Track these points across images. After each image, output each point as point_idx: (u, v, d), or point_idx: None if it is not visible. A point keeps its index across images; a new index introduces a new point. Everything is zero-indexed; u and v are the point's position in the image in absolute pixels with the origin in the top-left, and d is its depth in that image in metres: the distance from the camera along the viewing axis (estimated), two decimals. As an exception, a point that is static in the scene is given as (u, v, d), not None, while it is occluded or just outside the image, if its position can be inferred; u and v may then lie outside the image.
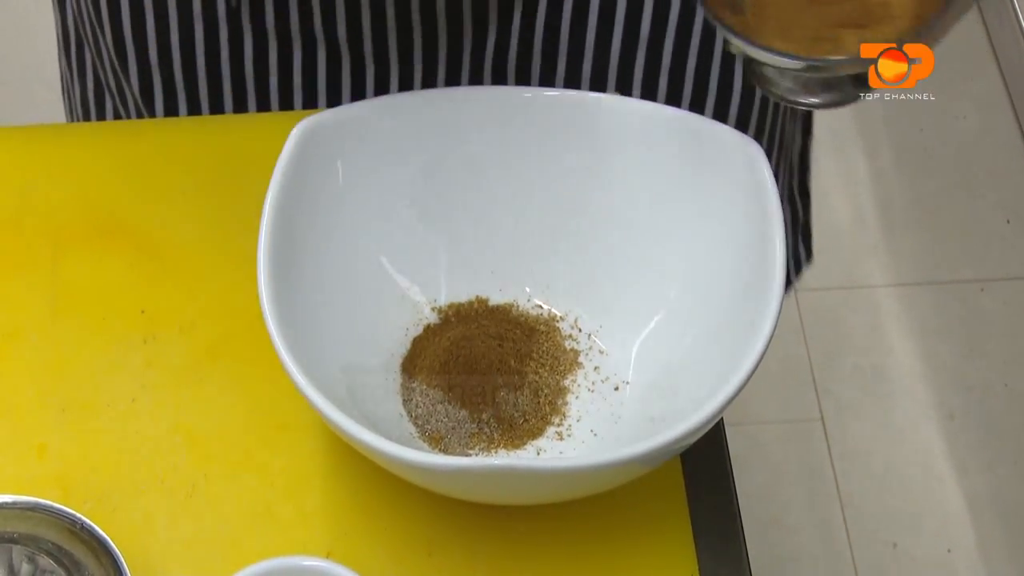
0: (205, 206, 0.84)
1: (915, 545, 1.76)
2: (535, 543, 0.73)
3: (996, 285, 1.98)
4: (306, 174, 0.76)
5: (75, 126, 0.90)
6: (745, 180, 0.75)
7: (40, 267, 0.82)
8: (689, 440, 0.68)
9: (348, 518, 0.74)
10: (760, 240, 0.73)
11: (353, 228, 0.78)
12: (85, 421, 0.76)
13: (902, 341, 1.93)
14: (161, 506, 0.74)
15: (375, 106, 0.80)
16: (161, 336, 0.79)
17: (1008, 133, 2.14)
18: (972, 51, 2.23)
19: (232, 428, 0.76)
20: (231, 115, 0.91)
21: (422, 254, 0.80)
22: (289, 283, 0.73)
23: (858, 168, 2.10)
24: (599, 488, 0.70)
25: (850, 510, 1.78)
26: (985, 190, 2.08)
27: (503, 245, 0.81)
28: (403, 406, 0.76)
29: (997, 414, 1.87)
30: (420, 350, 0.78)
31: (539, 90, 0.81)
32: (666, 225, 0.78)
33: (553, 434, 0.76)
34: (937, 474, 1.81)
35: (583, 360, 0.78)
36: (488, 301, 0.81)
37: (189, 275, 0.82)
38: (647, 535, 0.73)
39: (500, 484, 0.67)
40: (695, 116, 0.78)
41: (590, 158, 0.80)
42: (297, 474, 0.75)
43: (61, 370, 0.78)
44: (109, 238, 0.83)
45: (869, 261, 2.01)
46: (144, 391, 0.77)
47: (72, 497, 0.74)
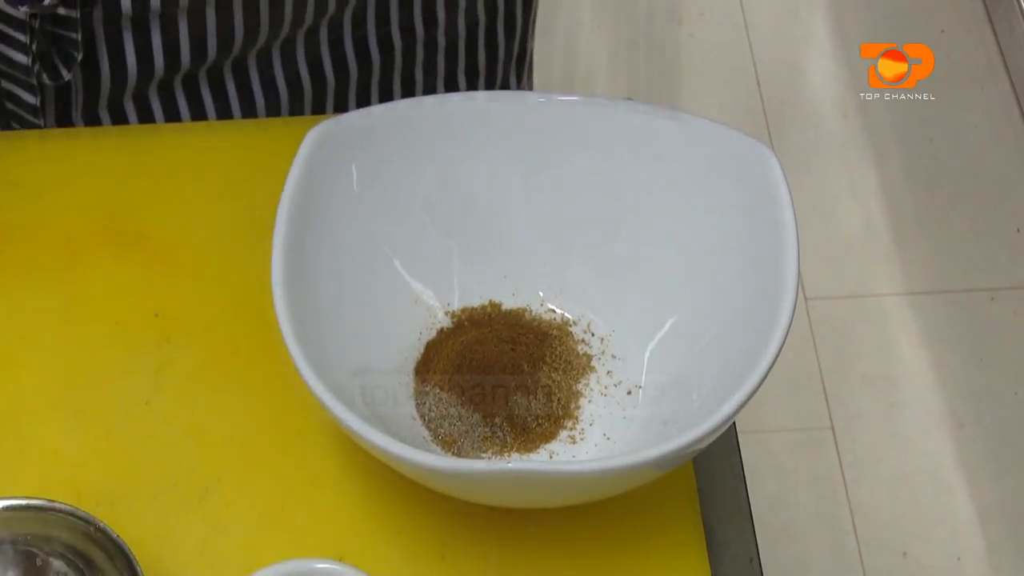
0: (219, 210, 0.85)
1: (925, 553, 1.76)
2: (547, 546, 0.73)
3: (1006, 294, 1.98)
4: (320, 178, 0.76)
5: (89, 130, 0.91)
6: (758, 186, 0.75)
7: (54, 271, 0.82)
8: (702, 444, 0.68)
9: (361, 521, 0.74)
10: (773, 245, 0.73)
11: (367, 232, 0.78)
12: (99, 424, 0.77)
13: (912, 350, 1.93)
14: (175, 508, 0.74)
15: (389, 111, 0.80)
16: (175, 339, 0.80)
17: (1018, 142, 2.14)
18: (982, 60, 2.23)
19: (245, 431, 0.76)
20: (245, 120, 0.91)
21: (436, 258, 0.80)
22: (303, 287, 0.73)
23: (868, 177, 2.10)
24: (612, 492, 0.71)
25: (860, 518, 1.78)
26: (995, 199, 2.08)
27: (516, 250, 0.81)
28: (416, 409, 0.76)
29: (1007, 423, 1.87)
30: (433, 354, 0.78)
31: (552, 95, 0.81)
32: (678, 231, 0.79)
33: (566, 438, 0.76)
34: (947, 483, 1.81)
35: (596, 364, 0.78)
36: (501, 305, 0.81)
37: (203, 279, 0.82)
38: (659, 539, 0.73)
39: (513, 487, 0.67)
40: (709, 122, 0.78)
41: (603, 163, 0.80)
42: (310, 477, 0.75)
43: (75, 373, 0.78)
44: (123, 242, 0.83)
45: (879, 270, 2.01)
46: (158, 394, 0.78)
47: (86, 499, 0.74)
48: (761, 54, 2.26)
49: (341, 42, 0.93)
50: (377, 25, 0.93)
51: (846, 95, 2.20)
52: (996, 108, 2.17)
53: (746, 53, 2.27)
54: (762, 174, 0.75)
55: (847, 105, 2.18)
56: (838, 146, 2.14)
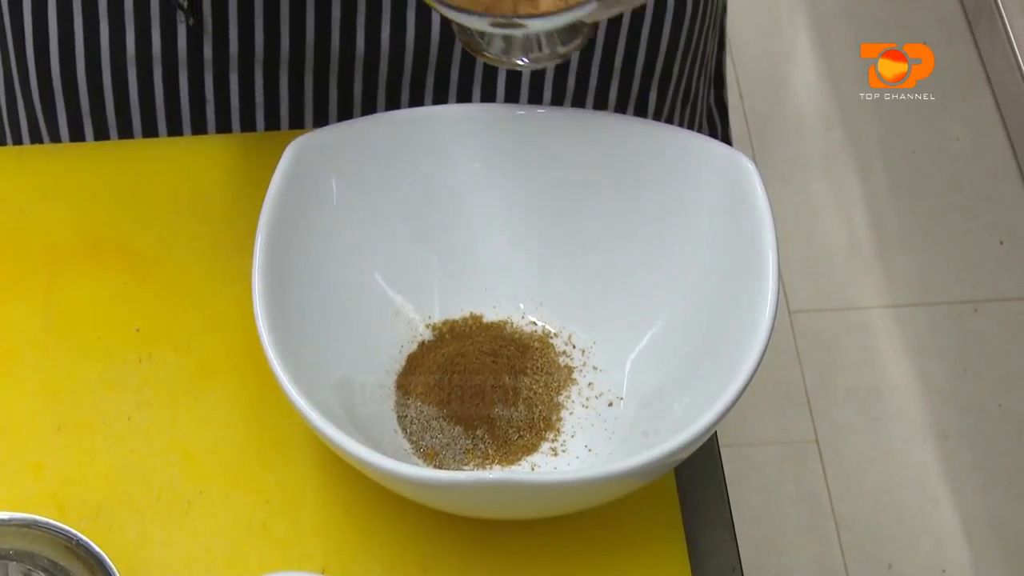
0: (200, 225, 0.85)
1: (910, 566, 1.76)
2: (530, 558, 0.73)
3: (990, 306, 1.99)
4: (300, 192, 0.76)
5: (70, 146, 0.91)
6: (737, 196, 0.75)
7: (35, 286, 0.82)
8: (683, 454, 0.68)
9: (343, 534, 0.74)
10: (752, 255, 0.73)
11: (347, 245, 0.79)
12: (81, 439, 0.77)
13: (896, 362, 1.93)
14: (157, 523, 0.74)
15: (368, 124, 0.80)
16: (156, 355, 0.80)
17: (1001, 155, 2.15)
18: (965, 73, 2.24)
19: (227, 445, 0.76)
20: (225, 135, 0.91)
21: (417, 271, 0.81)
22: (284, 300, 0.73)
23: (851, 189, 2.11)
24: (594, 502, 0.71)
25: (845, 531, 1.78)
26: (978, 211, 2.08)
27: (497, 262, 0.81)
28: (398, 422, 0.76)
29: (992, 434, 1.87)
30: (414, 366, 0.78)
31: (532, 107, 0.81)
32: (659, 241, 0.79)
33: (547, 450, 0.76)
34: (932, 495, 1.82)
35: (577, 376, 0.79)
36: (482, 318, 0.81)
37: (184, 294, 0.82)
38: (642, 550, 0.73)
39: (495, 498, 0.67)
40: (687, 132, 0.79)
41: (583, 175, 0.80)
42: (292, 490, 0.75)
43: (57, 389, 0.78)
44: (104, 257, 0.83)
45: (863, 282, 2.01)
46: (139, 409, 0.78)
47: (68, 514, 0.74)
48: (744, 68, 2.27)
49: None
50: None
51: (829, 108, 2.20)
52: (978, 120, 2.18)
53: (728, 67, 2.27)
54: (741, 184, 0.75)
55: (830, 118, 2.19)
56: (821, 159, 2.15)
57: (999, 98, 2.20)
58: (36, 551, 0.69)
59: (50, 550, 0.69)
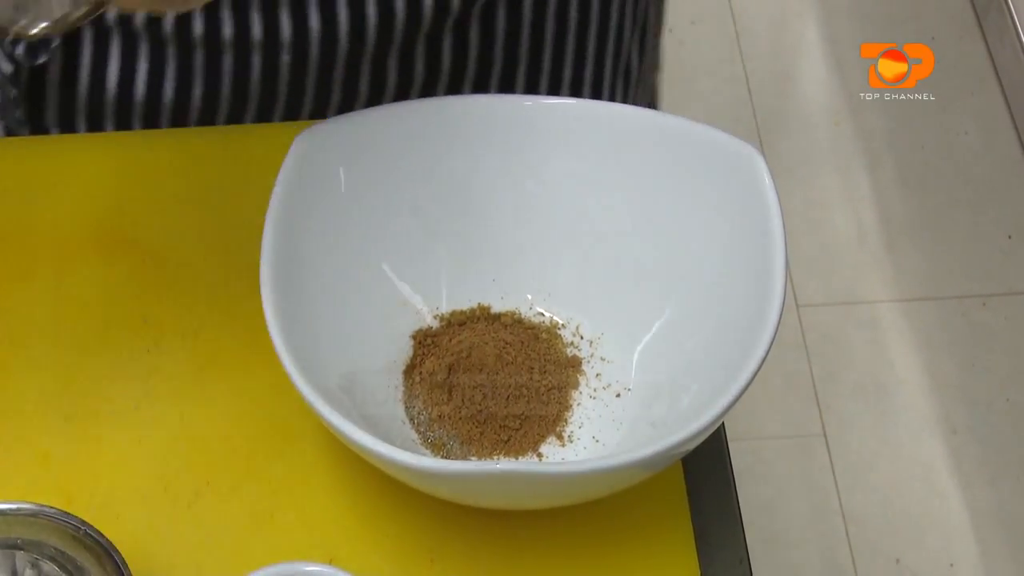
0: (207, 215, 0.85)
1: (918, 560, 1.76)
2: (537, 549, 0.73)
3: (998, 300, 1.98)
4: (308, 182, 0.76)
5: (78, 137, 0.91)
6: (745, 188, 0.75)
7: (43, 276, 0.82)
8: (690, 445, 0.68)
9: (351, 524, 0.74)
10: (761, 248, 0.73)
11: (355, 235, 0.79)
12: (89, 429, 0.77)
13: (904, 356, 1.93)
14: (164, 512, 0.74)
15: (377, 115, 0.80)
16: (164, 344, 0.80)
17: (1009, 149, 2.15)
18: (973, 67, 2.24)
19: (235, 435, 0.77)
20: (233, 125, 0.91)
21: (424, 261, 0.81)
22: (291, 291, 0.73)
23: (860, 184, 2.11)
24: (601, 493, 0.71)
25: (853, 525, 1.78)
26: (987, 206, 2.08)
27: (505, 253, 0.81)
28: (405, 412, 0.76)
29: (999, 429, 1.87)
30: (422, 357, 0.78)
31: (539, 98, 0.81)
32: (666, 233, 0.79)
33: (555, 440, 0.76)
34: (940, 489, 1.82)
35: (585, 367, 0.79)
36: (490, 308, 0.81)
37: (191, 284, 0.82)
38: (649, 540, 0.73)
39: (502, 488, 0.67)
40: (697, 124, 0.79)
41: (591, 166, 0.80)
42: (300, 480, 0.75)
43: (65, 379, 0.78)
44: (112, 247, 0.83)
45: (871, 277, 2.01)
46: (147, 399, 0.78)
47: (76, 504, 0.74)
48: (753, 63, 2.27)
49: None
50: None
51: (838, 103, 2.20)
52: (987, 115, 2.18)
53: (737, 62, 2.27)
54: (749, 175, 0.75)
55: (839, 112, 2.19)
56: (830, 153, 2.15)
57: (1007, 93, 2.20)
58: (43, 540, 0.69)
59: (57, 539, 0.69)
